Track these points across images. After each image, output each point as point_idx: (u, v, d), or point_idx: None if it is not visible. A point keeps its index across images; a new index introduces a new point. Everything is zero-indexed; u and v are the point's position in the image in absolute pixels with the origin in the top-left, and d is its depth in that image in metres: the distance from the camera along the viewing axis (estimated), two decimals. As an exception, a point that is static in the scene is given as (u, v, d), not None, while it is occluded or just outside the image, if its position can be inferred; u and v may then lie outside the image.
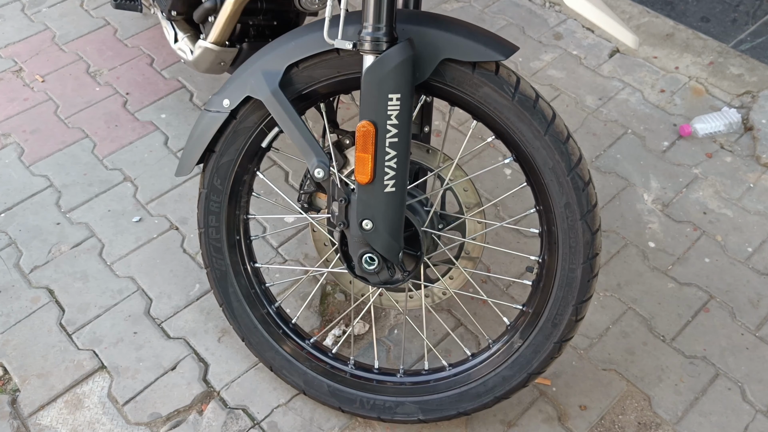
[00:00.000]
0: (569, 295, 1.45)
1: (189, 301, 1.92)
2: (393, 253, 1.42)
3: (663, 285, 1.94)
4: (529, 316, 1.52)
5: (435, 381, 1.61)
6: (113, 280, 1.96)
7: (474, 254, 1.63)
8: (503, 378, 1.54)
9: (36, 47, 2.66)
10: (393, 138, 1.32)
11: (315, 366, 1.66)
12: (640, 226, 2.08)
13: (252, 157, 1.57)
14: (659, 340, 1.84)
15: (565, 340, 1.49)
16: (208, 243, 1.62)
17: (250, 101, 1.48)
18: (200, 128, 1.53)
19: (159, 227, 2.08)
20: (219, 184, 1.57)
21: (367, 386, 1.64)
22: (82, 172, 2.23)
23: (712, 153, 2.26)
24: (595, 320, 1.88)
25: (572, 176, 1.38)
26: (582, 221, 1.40)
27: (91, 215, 2.12)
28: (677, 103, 2.41)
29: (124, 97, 2.47)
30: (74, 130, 2.36)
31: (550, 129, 1.36)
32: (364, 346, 1.84)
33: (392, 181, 1.35)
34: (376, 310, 1.90)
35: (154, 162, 2.26)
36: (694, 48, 2.58)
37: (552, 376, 1.77)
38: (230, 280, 1.65)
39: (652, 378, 1.76)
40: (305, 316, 1.89)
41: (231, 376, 1.77)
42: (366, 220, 1.39)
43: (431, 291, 1.68)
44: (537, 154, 1.38)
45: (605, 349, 1.82)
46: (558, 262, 1.45)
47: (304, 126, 1.42)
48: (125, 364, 1.79)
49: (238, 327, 1.67)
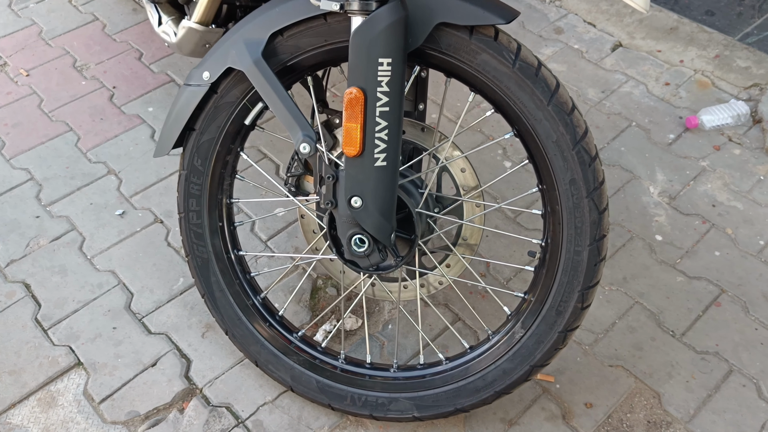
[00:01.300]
0: (575, 281, 1.34)
1: (172, 295, 1.80)
2: (384, 233, 1.31)
3: (671, 279, 1.83)
4: (531, 304, 1.40)
5: (431, 375, 1.49)
6: (93, 274, 1.85)
7: (472, 241, 1.51)
8: (504, 371, 1.42)
9: (22, 42, 2.57)
10: (384, 107, 1.22)
11: (303, 360, 1.54)
12: (646, 219, 1.97)
13: (235, 136, 1.46)
14: (668, 335, 1.72)
15: (570, 330, 1.37)
16: (189, 229, 1.51)
17: (231, 74, 1.39)
18: (179, 104, 1.42)
19: (143, 220, 1.97)
20: (200, 165, 1.47)
21: (359, 381, 1.52)
22: (64, 165, 2.13)
23: (720, 145, 2.16)
24: (600, 315, 1.76)
25: (578, 150, 1.27)
26: (588, 199, 1.29)
27: (72, 208, 2.01)
28: (682, 96, 2.31)
29: (110, 90, 2.37)
30: (58, 124, 2.26)
31: (553, 99, 1.26)
32: (357, 342, 1.72)
33: (383, 155, 1.25)
34: (369, 304, 1.79)
35: (140, 155, 2.15)
36: (699, 41, 2.48)
37: (555, 372, 1.65)
38: (212, 268, 1.53)
39: (662, 374, 1.65)
40: (294, 311, 1.77)
41: (215, 372, 1.65)
42: (355, 197, 1.28)
43: (426, 280, 1.57)
44: (539, 127, 1.28)
45: (611, 345, 1.70)
46: (562, 245, 1.34)
47: (288, 98, 1.32)
48: (103, 360, 1.67)
49: (221, 319, 1.55)
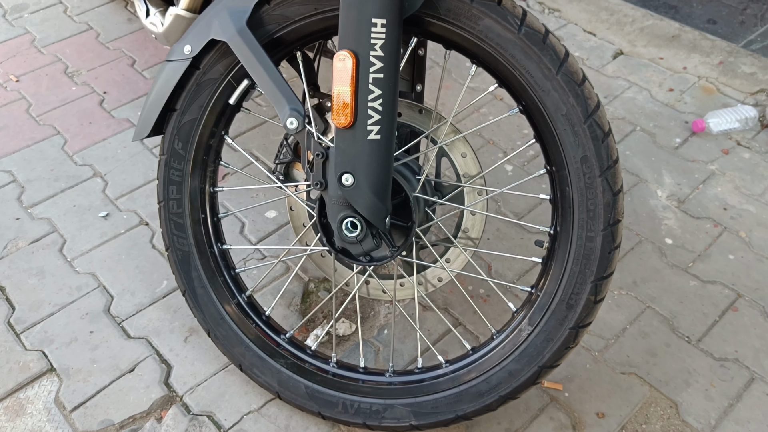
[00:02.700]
0: (587, 270, 1.18)
1: (155, 298, 1.64)
2: (378, 215, 1.16)
3: (684, 283, 1.67)
4: (539, 298, 1.24)
5: (430, 380, 1.33)
6: (72, 277, 1.69)
7: (473, 233, 1.36)
8: (509, 373, 1.26)
9: (13, 49, 2.44)
10: (377, 73, 1.07)
11: (291, 364, 1.38)
12: (654, 222, 1.82)
13: (219, 117, 1.32)
14: (684, 341, 1.55)
15: (582, 326, 1.21)
16: (169, 218, 1.36)
17: (215, 47, 1.25)
18: (159, 82, 1.28)
19: (127, 222, 1.82)
20: (181, 149, 1.32)
21: (352, 387, 1.36)
22: (49, 167, 1.99)
23: (729, 149, 2.02)
24: (610, 319, 1.60)
25: (590, 124, 1.13)
26: (602, 178, 1.14)
27: (55, 210, 1.86)
28: (687, 102, 2.18)
29: (101, 96, 2.24)
30: (45, 128, 2.12)
31: (563, 68, 1.12)
32: (350, 347, 1.55)
33: (377, 127, 1.10)
34: (363, 308, 1.63)
35: (127, 158, 2.01)
36: (702, 48, 2.36)
37: (564, 380, 1.48)
38: (194, 262, 1.38)
39: (679, 382, 1.48)
40: (284, 314, 1.61)
41: (197, 379, 1.48)
42: (346, 173, 1.13)
43: (424, 277, 1.41)
44: (548, 99, 1.13)
45: (623, 351, 1.54)
46: (573, 231, 1.18)
47: (275, 70, 1.18)
48: (77, 365, 1.51)
49: (202, 318, 1.39)
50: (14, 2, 2.68)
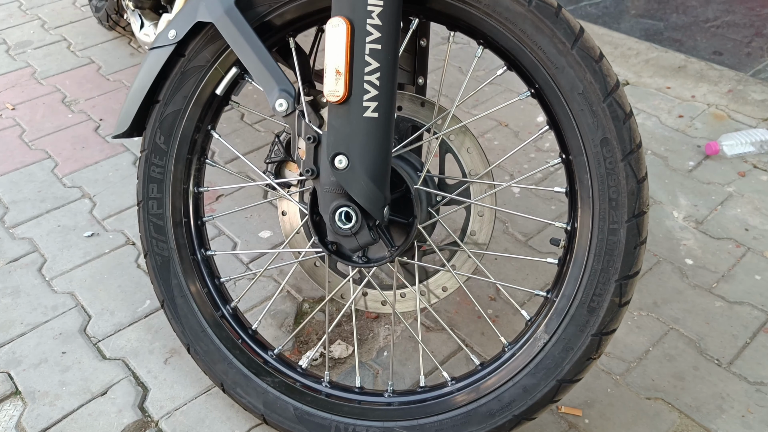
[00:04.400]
0: (610, 267, 1.01)
1: (135, 318, 1.47)
2: (375, 203, 1.00)
3: (709, 304, 1.49)
4: (556, 303, 1.07)
5: (433, 399, 1.14)
6: (48, 296, 1.52)
7: (481, 238, 1.20)
8: (524, 389, 1.07)
9: (13, 81, 2.34)
10: (375, 44, 0.94)
11: (279, 383, 1.19)
12: (672, 243, 1.65)
13: (205, 109, 1.18)
14: (713, 363, 1.37)
15: (606, 333, 1.04)
16: (148, 220, 1.21)
17: (201, 32, 1.12)
18: (141, 72, 1.15)
19: (113, 242, 1.67)
20: (163, 143, 1.18)
21: (346, 408, 1.17)
22: (36, 189, 1.84)
23: (745, 172, 1.87)
24: (630, 341, 1.41)
25: (609, 103, 0.98)
26: (624, 163, 0.99)
27: (38, 230, 1.71)
28: (698, 127, 2.04)
29: (96, 122, 2.12)
30: (36, 152, 1.99)
31: (578, 42, 0.98)
32: (346, 370, 1.37)
33: (373, 104, 0.96)
34: (362, 330, 1.45)
35: (119, 180, 1.87)
36: (710, 77, 2.24)
37: (583, 405, 1.29)
38: (174, 269, 1.21)
39: (711, 408, 1.28)
40: (275, 335, 1.43)
41: (175, 403, 1.29)
42: (339, 155, 0.98)
43: (427, 287, 1.24)
44: (562, 76, 0.99)
45: (647, 374, 1.35)
46: (594, 223, 1.02)
47: (264, 49, 1.05)
48: (45, 388, 1.32)
49: (181, 330, 1.22)
50: (19, 39, 2.61)
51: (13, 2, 2.88)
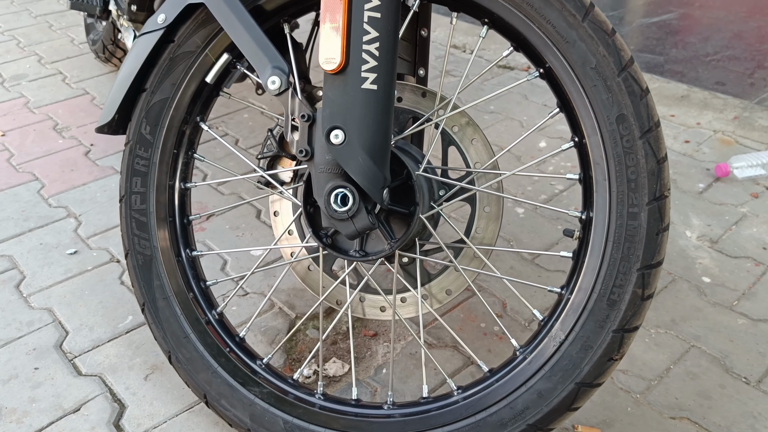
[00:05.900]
0: (631, 255, 0.92)
1: (116, 333, 1.36)
2: (374, 182, 0.92)
3: (731, 321, 1.39)
4: (572, 297, 0.97)
5: (438, 410, 1.03)
6: (24, 312, 1.42)
7: (486, 238, 1.11)
8: (539, 394, 0.96)
9: (5, 110, 2.29)
10: (374, 12, 0.88)
11: (268, 394, 1.08)
12: (687, 262, 1.56)
13: (194, 99, 1.11)
14: (741, 381, 1.26)
15: (628, 330, 0.94)
16: (130, 216, 1.12)
17: (191, 16, 1.06)
18: (128, 59, 1.09)
19: (97, 260, 1.57)
20: (148, 134, 1.10)
21: (341, 421, 1.05)
22: (20, 209, 1.76)
23: (758, 193, 1.79)
24: (649, 359, 1.31)
25: (624, 77, 0.91)
26: (643, 140, 0.91)
27: (18, 248, 1.61)
28: (705, 152, 1.98)
29: (87, 147, 2.05)
30: (23, 174, 1.92)
31: (590, 15, 0.92)
32: (342, 387, 1.26)
33: (372, 75, 0.89)
34: (359, 349, 1.34)
35: (106, 200, 1.79)
36: (714, 106, 2.20)
37: (602, 424, 1.17)
38: (156, 270, 1.12)
39: (743, 428, 1.17)
40: (266, 352, 1.32)
41: (154, 420, 1.18)
42: (336, 129, 0.90)
43: (429, 291, 1.15)
44: (574, 51, 0.93)
45: (670, 393, 1.24)
46: (611, 208, 0.94)
47: (255, 27, 0.99)
48: (12, 405, 1.21)
49: (162, 336, 1.11)
50: (14, 72, 2.57)
51: (12, 40, 2.87)
